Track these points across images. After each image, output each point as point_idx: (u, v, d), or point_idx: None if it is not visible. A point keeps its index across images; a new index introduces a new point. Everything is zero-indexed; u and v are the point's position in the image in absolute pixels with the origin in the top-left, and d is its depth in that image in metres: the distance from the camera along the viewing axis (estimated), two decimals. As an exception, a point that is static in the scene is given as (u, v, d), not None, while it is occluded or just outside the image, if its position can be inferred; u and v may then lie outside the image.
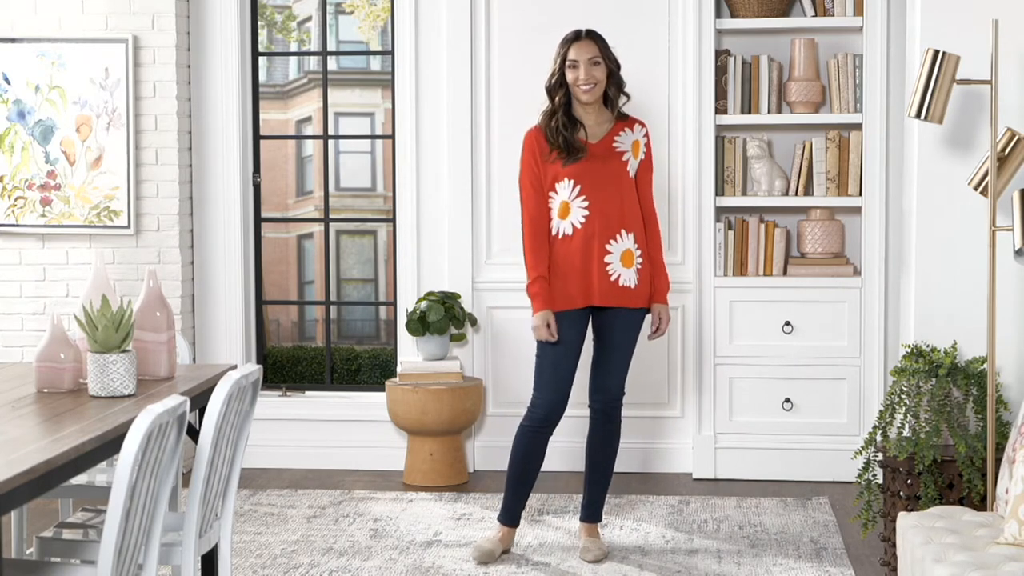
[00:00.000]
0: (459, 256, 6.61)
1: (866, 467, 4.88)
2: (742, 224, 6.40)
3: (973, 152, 4.91)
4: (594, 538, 5.24)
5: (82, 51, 6.54)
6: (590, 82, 5.06)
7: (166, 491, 3.35)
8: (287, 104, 7.16)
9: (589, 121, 5.14)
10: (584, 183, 5.07)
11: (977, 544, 3.77)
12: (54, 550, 3.78)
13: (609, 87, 5.12)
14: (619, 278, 5.08)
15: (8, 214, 6.61)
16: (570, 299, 5.08)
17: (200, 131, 6.73)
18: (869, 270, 6.33)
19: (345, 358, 7.04)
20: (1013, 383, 4.85)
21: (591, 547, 5.17)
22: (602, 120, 5.15)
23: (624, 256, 5.09)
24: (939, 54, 4.62)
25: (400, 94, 6.66)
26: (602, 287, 5.07)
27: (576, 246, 5.07)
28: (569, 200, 5.08)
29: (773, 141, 6.51)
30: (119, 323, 3.86)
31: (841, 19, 6.33)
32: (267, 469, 6.69)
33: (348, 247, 7.20)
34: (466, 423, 6.39)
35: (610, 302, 5.09)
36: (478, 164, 6.59)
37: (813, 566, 5.06)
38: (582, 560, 5.15)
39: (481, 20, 6.56)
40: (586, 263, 5.07)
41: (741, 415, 6.42)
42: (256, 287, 6.89)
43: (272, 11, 7.07)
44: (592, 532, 5.26)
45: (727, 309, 6.40)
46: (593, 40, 5.11)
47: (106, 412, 3.63)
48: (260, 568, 5.07)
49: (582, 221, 5.07)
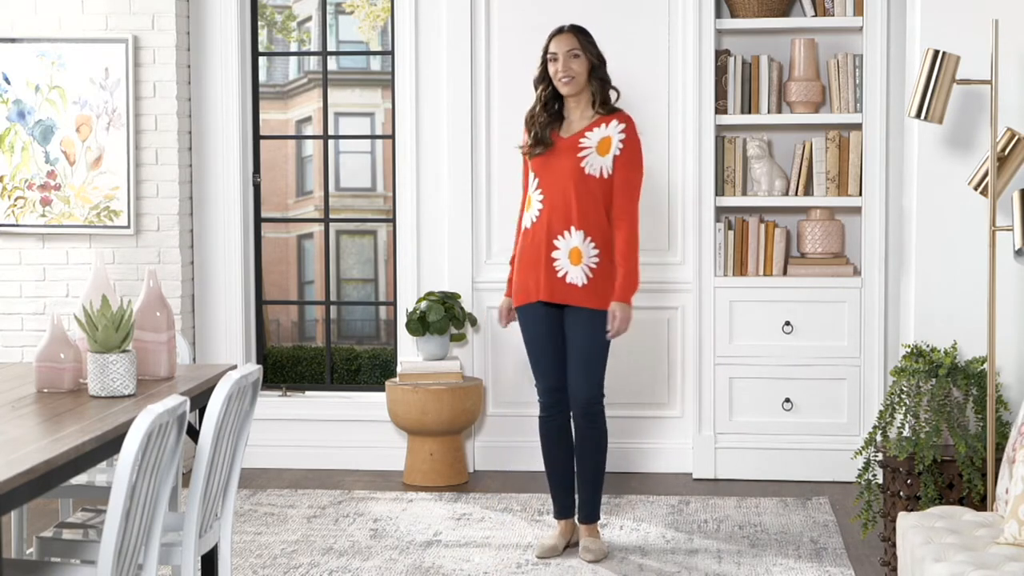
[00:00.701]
0: (459, 256, 6.61)
1: (866, 467, 4.88)
2: (742, 224, 6.40)
3: (973, 152, 4.91)
4: (594, 538, 5.24)
5: (82, 51, 6.54)
6: (568, 75, 5.08)
7: (166, 491, 3.35)
8: (287, 104, 7.16)
9: (574, 116, 5.16)
10: (542, 177, 5.13)
11: (977, 544, 3.77)
12: (54, 550, 3.78)
13: (591, 81, 5.12)
14: (566, 275, 5.08)
15: (8, 214, 6.62)
16: (527, 293, 5.16)
17: (200, 131, 6.73)
18: (869, 270, 6.33)
19: (345, 358, 7.04)
20: (1013, 383, 4.85)
21: (591, 547, 5.18)
22: (585, 115, 5.15)
23: (572, 253, 5.07)
24: (939, 54, 4.62)
25: (400, 94, 6.66)
26: (549, 283, 5.09)
27: (531, 240, 5.15)
28: (531, 193, 5.18)
29: (773, 141, 6.51)
30: (119, 323, 3.86)
31: (841, 19, 6.33)
32: (267, 469, 6.69)
33: (348, 247, 7.20)
34: (466, 423, 6.39)
35: (556, 298, 5.10)
36: (478, 164, 6.59)
37: (813, 566, 5.06)
38: (582, 560, 5.15)
39: (481, 20, 6.56)
40: (537, 257, 5.11)
41: (741, 415, 6.42)
42: (256, 287, 6.89)
43: (272, 11, 7.06)
44: (591, 532, 5.26)
45: (727, 309, 6.39)
46: (574, 33, 5.13)
47: (106, 412, 3.63)
48: (260, 568, 5.07)
49: (537, 215, 5.13)
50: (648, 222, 6.51)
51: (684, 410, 6.54)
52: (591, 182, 5.06)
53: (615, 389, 6.46)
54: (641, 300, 6.48)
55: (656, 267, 6.50)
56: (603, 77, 5.14)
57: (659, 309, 6.52)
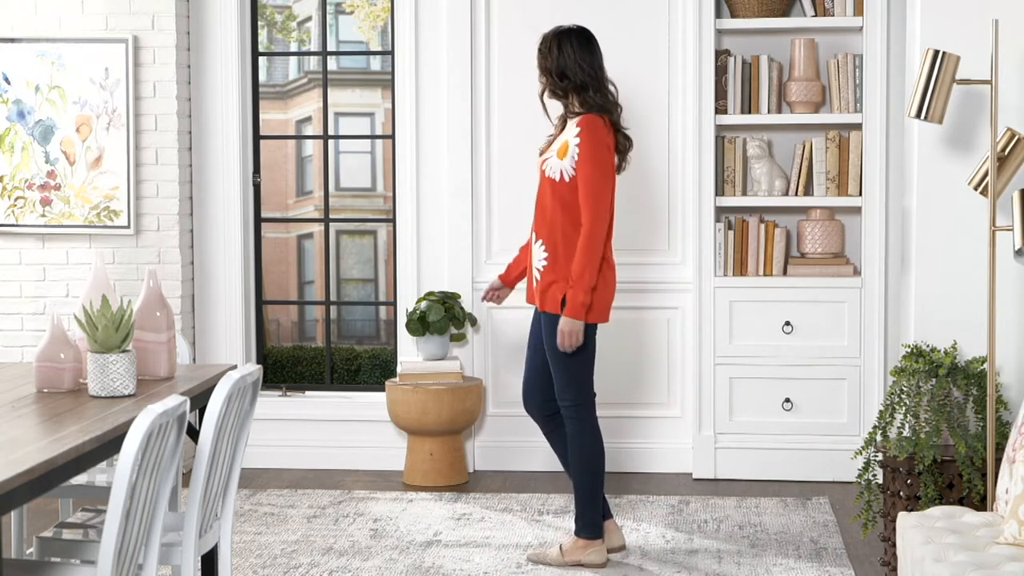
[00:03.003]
0: (459, 256, 6.61)
1: (866, 467, 4.88)
2: (742, 224, 6.40)
3: (973, 152, 4.91)
4: (560, 551, 5.16)
5: (82, 51, 6.54)
6: (541, 89, 5.16)
7: (166, 491, 3.35)
8: (287, 104, 7.16)
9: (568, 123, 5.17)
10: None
11: (977, 544, 3.77)
12: (54, 550, 3.78)
13: (553, 91, 5.10)
14: (533, 275, 5.18)
15: (8, 214, 6.62)
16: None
17: (200, 131, 6.73)
18: (869, 270, 6.33)
19: (345, 358, 7.04)
20: (1013, 383, 4.85)
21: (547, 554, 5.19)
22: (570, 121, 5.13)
23: (534, 255, 5.14)
24: (939, 54, 4.62)
25: (400, 94, 6.66)
26: (528, 284, 5.24)
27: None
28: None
29: (773, 141, 6.51)
30: (119, 323, 3.86)
31: (841, 19, 6.33)
32: (267, 469, 6.69)
33: (348, 247, 7.20)
34: (466, 423, 6.39)
35: (529, 299, 5.23)
36: (478, 164, 6.59)
37: (813, 566, 5.06)
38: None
39: (481, 20, 6.56)
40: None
41: (741, 415, 6.42)
42: (256, 287, 6.89)
43: (272, 11, 7.06)
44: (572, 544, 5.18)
45: (727, 309, 6.39)
46: (538, 49, 5.14)
47: (106, 412, 3.63)
48: (260, 568, 5.07)
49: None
50: (648, 222, 6.51)
51: (684, 410, 6.54)
52: (553, 185, 5.03)
53: (615, 389, 6.47)
54: (641, 300, 6.50)
55: (656, 267, 6.50)
56: (564, 86, 5.05)
57: (659, 309, 6.52)
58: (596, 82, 5.04)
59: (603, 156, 4.98)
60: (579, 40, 5.06)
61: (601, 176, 4.96)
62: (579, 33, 5.09)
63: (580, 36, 5.08)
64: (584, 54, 5.04)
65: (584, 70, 5.02)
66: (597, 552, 5.09)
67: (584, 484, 5.11)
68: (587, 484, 5.11)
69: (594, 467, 5.11)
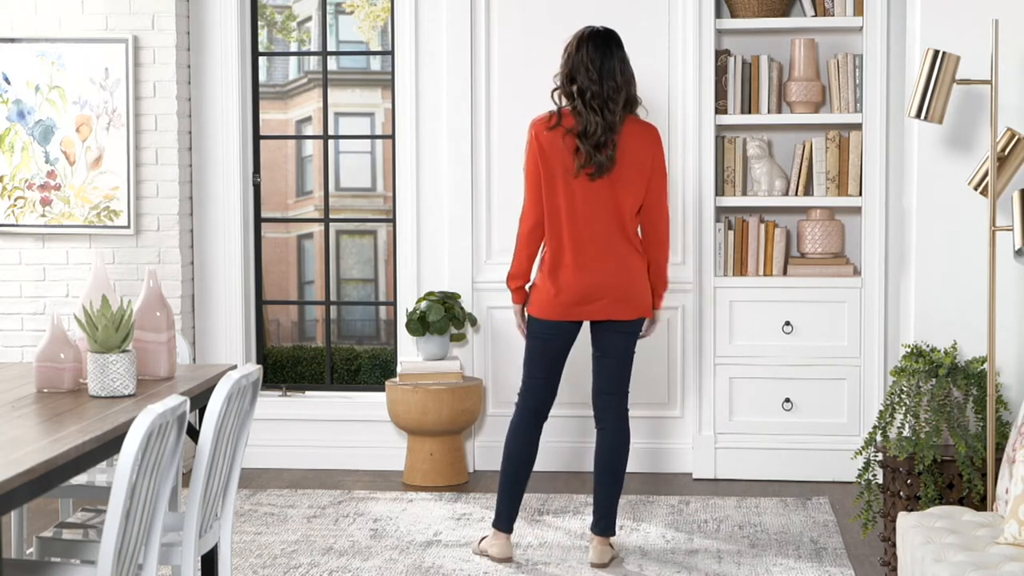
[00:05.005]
0: (459, 256, 6.61)
1: (866, 467, 4.88)
2: (742, 224, 6.40)
3: (973, 152, 4.91)
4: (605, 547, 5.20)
5: (82, 51, 6.54)
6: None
7: (166, 491, 3.35)
8: (287, 104, 7.16)
9: None
10: None
11: (977, 544, 3.77)
12: (54, 550, 3.78)
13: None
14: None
15: (8, 214, 6.62)
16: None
17: (200, 131, 6.73)
18: (869, 270, 6.33)
19: (345, 358, 7.04)
20: (1013, 383, 4.85)
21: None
22: None
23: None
24: (939, 54, 4.62)
25: (400, 94, 6.66)
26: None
27: None
28: None
29: (773, 141, 6.51)
30: (119, 323, 3.86)
31: (841, 19, 6.33)
32: (267, 469, 6.69)
33: (348, 247, 7.20)
34: (466, 423, 6.39)
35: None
36: (478, 164, 6.59)
37: (813, 566, 5.06)
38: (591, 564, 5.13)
39: (481, 20, 6.56)
40: None
41: (741, 415, 6.42)
42: (256, 287, 6.89)
43: (272, 11, 7.06)
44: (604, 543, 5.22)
45: (727, 309, 6.40)
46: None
47: (106, 412, 3.63)
48: (260, 568, 5.07)
49: None
50: (648, 222, 6.51)
51: (684, 410, 6.54)
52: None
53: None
54: (641, 300, 6.49)
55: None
56: (564, 89, 5.06)
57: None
58: (567, 80, 5.04)
59: (527, 154, 5.07)
60: (578, 41, 5.11)
61: (527, 171, 5.07)
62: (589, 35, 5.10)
63: (580, 37, 5.11)
64: (571, 51, 5.09)
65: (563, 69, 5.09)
66: (491, 542, 5.18)
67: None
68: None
69: (503, 461, 5.26)
